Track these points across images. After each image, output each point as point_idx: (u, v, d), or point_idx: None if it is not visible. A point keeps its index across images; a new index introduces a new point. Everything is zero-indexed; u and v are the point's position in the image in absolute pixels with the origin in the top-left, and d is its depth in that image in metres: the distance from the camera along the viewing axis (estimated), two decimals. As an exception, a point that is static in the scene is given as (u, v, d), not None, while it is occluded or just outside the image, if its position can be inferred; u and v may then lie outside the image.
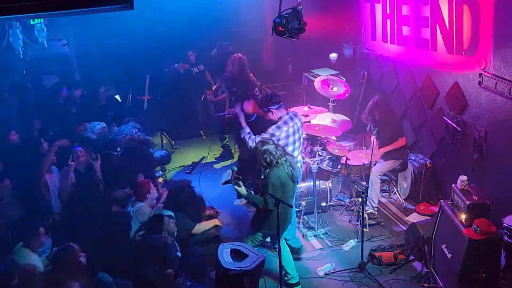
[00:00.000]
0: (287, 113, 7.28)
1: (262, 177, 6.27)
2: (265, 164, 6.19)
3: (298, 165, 7.12)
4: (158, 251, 5.55)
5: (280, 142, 6.83)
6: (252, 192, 6.55)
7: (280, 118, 7.21)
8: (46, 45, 7.49)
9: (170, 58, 11.41)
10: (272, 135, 6.95)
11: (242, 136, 7.28)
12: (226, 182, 6.36)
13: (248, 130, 7.26)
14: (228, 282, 5.42)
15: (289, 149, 7.03)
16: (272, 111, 7.22)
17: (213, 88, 10.72)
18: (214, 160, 10.54)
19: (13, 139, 8.01)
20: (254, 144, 6.65)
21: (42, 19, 7.32)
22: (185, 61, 11.32)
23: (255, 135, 7.12)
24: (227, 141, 10.47)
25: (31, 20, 7.67)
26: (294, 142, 7.21)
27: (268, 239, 6.71)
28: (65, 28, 11.13)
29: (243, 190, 6.20)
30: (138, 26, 10.66)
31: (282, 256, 6.14)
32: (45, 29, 7.31)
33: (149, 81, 11.45)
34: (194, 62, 11.24)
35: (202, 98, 10.45)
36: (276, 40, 8.94)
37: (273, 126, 7.09)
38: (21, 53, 7.18)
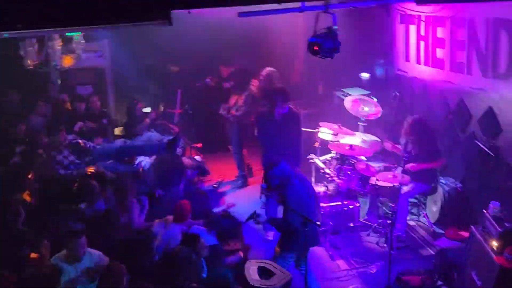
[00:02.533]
0: None
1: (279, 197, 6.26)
2: (278, 183, 6.17)
3: None
4: (184, 263, 5.58)
5: None
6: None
7: None
8: (83, 57, 7.61)
9: (202, 72, 11.50)
10: None
11: None
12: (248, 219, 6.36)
13: None
14: (254, 300, 5.39)
15: None
16: None
17: (227, 105, 10.33)
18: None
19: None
20: None
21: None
22: (218, 76, 11.39)
23: None
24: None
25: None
26: None
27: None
28: (101, 40, 11.35)
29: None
30: (172, 40, 10.78)
31: (308, 276, 6.12)
32: (83, 41, 7.45)
33: (180, 95, 11.54)
34: (226, 77, 11.28)
35: (219, 111, 10.28)
36: (306, 58, 8.96)
37: None
38: (58, 64, 7.33)
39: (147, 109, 10.86)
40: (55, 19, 4.66)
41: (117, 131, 10.56)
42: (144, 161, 8.64)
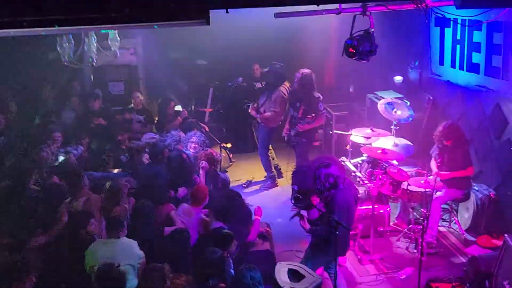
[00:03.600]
0: None
1: (325, 199, 6.21)
2: (328, 186, 6.13)
3: None
4: (216, 263, 5.61)
5: None
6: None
7: None
8: (118, 54, 7.67)
9: (234, 72, 11.51)
10: None
11: None
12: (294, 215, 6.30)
13: None
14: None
15: None
16: None
17: (255, 105, 10.26)
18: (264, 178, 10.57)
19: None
20: None
21: (115, 29, 7.55)
22: (250, 76, 11.39)
23: None
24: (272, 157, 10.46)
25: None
26: None
27: None
28: (134, 37, 11.45)
29: (306, 225, 6.20)
30: (205, 39, 10.82)
31: (337, 280, 6.09)
32: (118, 38, 7.51)
33: (212, 94, 11.57)
34: (258, 76, 11.27)
35: (250, 110, 10.23)
36: (338, 59, 8.92)
37: None
38: (94, 61, 7.40)
39: (178, 108, 10.91)
40: (91, 17, 4.70)
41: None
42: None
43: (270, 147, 10.44)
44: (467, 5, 5.18)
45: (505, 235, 6.25)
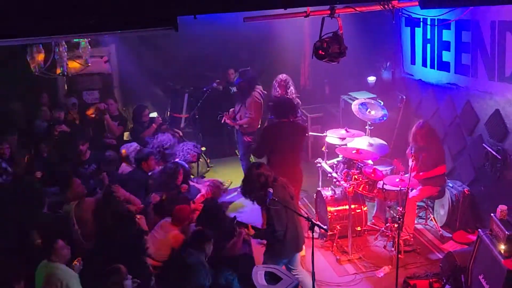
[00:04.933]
0: None
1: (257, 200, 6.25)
2: (259, 186, 6.12)
3: None
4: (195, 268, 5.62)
5: None
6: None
7: None
8: (89, 63, 7.65)
9: (209, 77, 11.52)
10: None
11: None
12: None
13: None
14: (261, 305, 5.40)
15: None
16: None
17: (231, 111, 10.08)
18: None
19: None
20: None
21: (86, 37, 7.53)
22: (226, 80, 11.40)
23: None
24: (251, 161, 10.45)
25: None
26: None
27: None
28: (107, 45, 11.40)
29: (251, 232, 6.29)
30: (179, 45, 10.81)
31: (302, 281, 6.24)
32: (89, 47, 7.49)
33: (187, 99, 11.56)
34: (234, 81, 11.28)
35: (222, 121, 10.22)
36: (313, 62, 8.95)
37: None
38: (65, 70, 7.36)
39: (153, 114, 10.89)
40: (61, 26, 4.69)
41: (126, 136, 10.60)
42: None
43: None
44: (430, 5, 5.26)
45: (479, 230, 6.35)
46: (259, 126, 9.92)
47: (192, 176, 9.45)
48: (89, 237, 6.77)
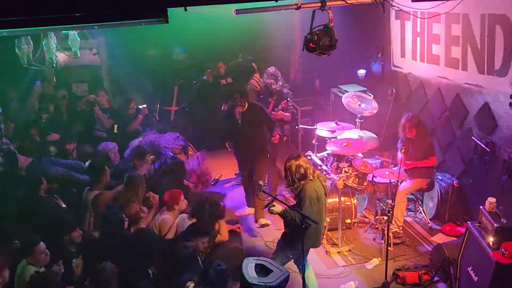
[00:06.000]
0: None
1: (296, 191, 6.23)
2: (299, 177, 6.15)
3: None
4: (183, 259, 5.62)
5: None
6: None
7: None
8: (79, 55, 7.60)
9: (199, 70, 11.48)
10: None
11: None
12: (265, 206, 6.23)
13: None
14: (252, 297, 5.40)
15: None
16: None
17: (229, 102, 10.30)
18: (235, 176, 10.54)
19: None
20: None
21: (75, 29, 7.47)
22: (215, 73, 11.37)
23: None
24: None
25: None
26: None
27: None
28: (96, 37, 11.33)
29: (278, 208, 6.08)
30: (168, 37, 10.76)
31: (306, 274, 6.17)
32: (78, 39, 7.43)
33: (176, 92, 11.52)
34: (223, 74, 11.26)
35: (223, 108, 10.22)
36: (303, 55, 8.96)
37: None
38: (55, 62, 7.30)
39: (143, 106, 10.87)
40: (50, 17, 4.65)
41: (115, 128, 10.54)
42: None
43: None
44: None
45: (468, 222, 6.39)
46: None
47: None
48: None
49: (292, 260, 6.40)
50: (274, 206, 6.04)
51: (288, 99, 9.42)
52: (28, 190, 7.22)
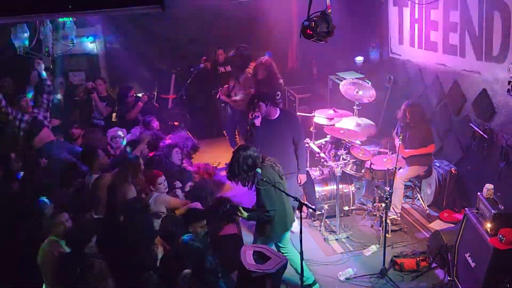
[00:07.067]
0: None
1: (243, 183, 6.16)
2: (246, 169, 6.01)
3: None
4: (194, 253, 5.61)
5: None
6: None
7: None
8: (75, 42, 7.55)
9: (196, 57, 11.44)
10: None
11: None
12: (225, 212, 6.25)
13: None
14: (250, 284, 5.41)
15: None
16: None
17: (225, 88, 10.30)
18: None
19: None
20: None
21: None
22: (213, 61, 11.33)
23: None
24: None
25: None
26: None
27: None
28: (93, 25, 11.27)
29: (244, 214, 6.13)
30: (165, 25, 10.71)
31: (292, 258, 6.24)
32: (75, 27, 7.39)
33: (174, 80, 11.49)
34: (222, 61, 11.22)
35: (217, 96, 10.23)
36: (301, 42, 8.91)
37: None
38: (51, 50, 7.25)
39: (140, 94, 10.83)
40: (46, 5, 4.61)
41: (113, 117, 10.51)
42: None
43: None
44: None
45: (466, 208, 6.40)
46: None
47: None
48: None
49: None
50: (241, 213, 6.11)
51: (279, 92, 9.42)
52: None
